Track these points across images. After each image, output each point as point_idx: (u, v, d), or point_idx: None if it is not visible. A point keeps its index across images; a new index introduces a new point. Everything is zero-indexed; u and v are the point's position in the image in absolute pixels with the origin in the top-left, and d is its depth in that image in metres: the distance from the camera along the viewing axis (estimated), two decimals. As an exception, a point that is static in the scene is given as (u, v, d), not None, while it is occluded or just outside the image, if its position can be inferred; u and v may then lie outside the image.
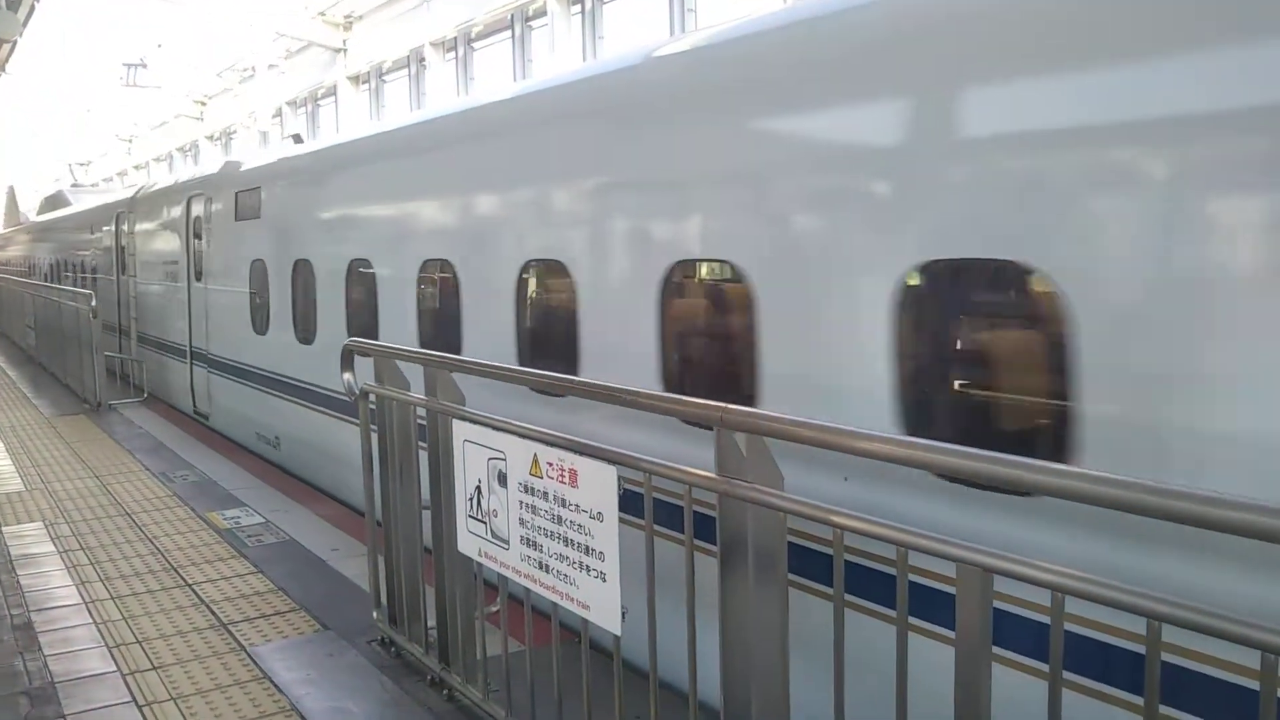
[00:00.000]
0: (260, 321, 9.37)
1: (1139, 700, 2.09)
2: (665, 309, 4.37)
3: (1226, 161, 2.63)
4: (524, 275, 5.35)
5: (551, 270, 5.19)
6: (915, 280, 3.32)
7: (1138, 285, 2.78)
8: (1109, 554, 2.70)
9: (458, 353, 5.75)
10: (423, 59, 22.89)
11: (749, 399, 3.87)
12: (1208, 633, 1.84)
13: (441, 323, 6.30)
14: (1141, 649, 1.98)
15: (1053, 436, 2.97)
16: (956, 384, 3.42)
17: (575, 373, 4.78)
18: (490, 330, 5.64)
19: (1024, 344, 3.29)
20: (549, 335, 5.40)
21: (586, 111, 5.21)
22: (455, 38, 21.71)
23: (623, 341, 4.60)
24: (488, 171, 5.90)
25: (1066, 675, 2.16)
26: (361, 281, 7.27)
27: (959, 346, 3.54)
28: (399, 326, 6.61)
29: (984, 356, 3.44)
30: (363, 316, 7.17)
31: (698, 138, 4.32)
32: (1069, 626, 2.16)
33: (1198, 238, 2.66)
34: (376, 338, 6.63)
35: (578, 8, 18.05)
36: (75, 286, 16.46)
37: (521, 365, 5.22)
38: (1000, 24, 3.19)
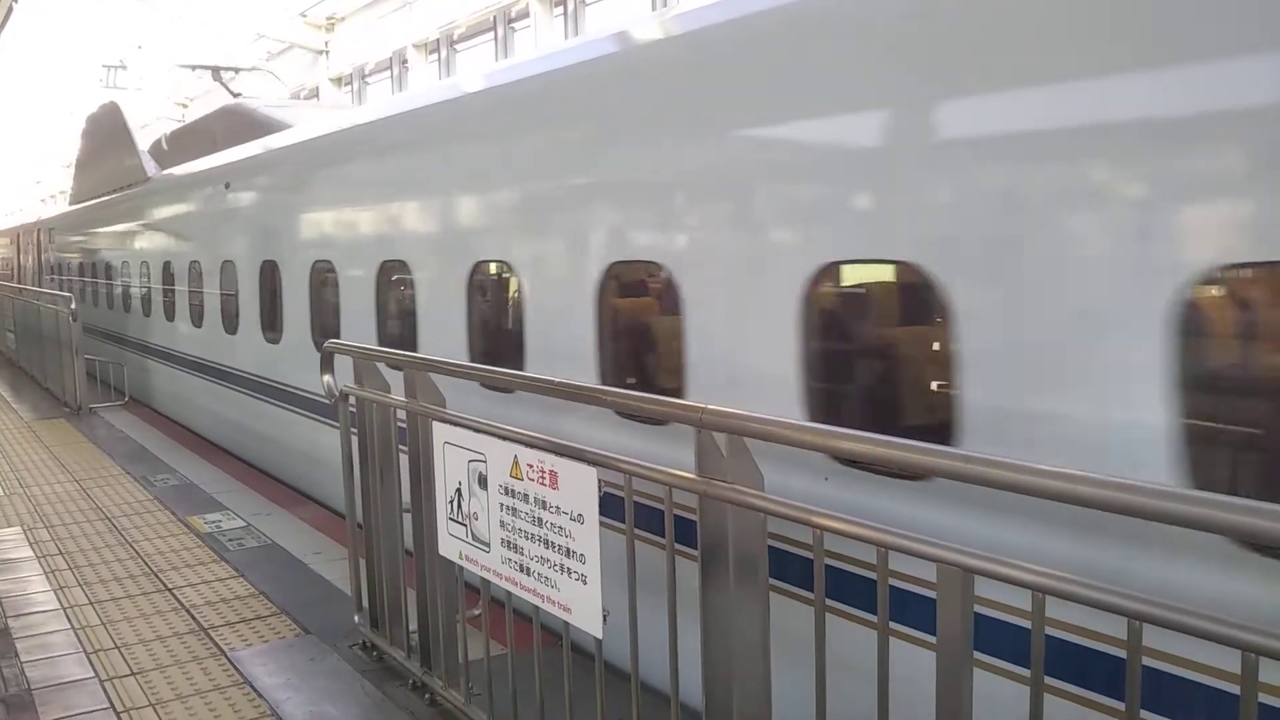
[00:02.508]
0: None
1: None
2: None
3: None
4: None
5: None
6: None
7: None
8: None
9: None
10: (405, 60, 22.81)
11: None
12: (1189, 633, 1.83)
13: None
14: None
15: None
16: None
17: None
18: None
19: None
20: None
21: None
22: (438, 39, 21.64)
23: None
24: None
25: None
26: None
27: None
28: None
29: None
30: None
31: None
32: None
33: None
34: None
35: (560, 9, 18.02)
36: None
37: None
38: None
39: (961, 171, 3.13)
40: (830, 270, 3.55)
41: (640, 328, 4.73)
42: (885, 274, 3.54)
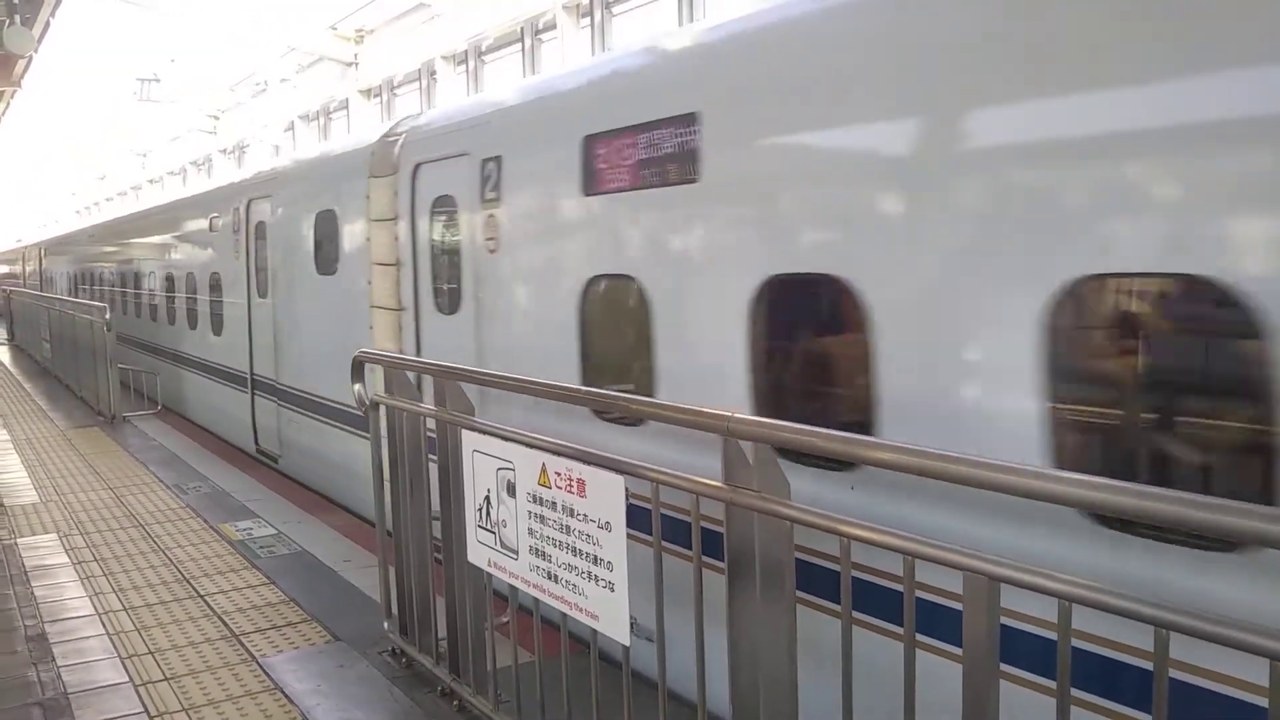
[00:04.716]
0: None
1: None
2: None
3: None
4: None
5: None
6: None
7: None
8: None
9: None
10: (433, 72, 22.98)
11: None
12: (1217, 641, 1.82)
13: None
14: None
15: None
16: None
17: None
18: None
19: None
20: None
21: None
22: (466, 50, 21.80)
23: None
24: None
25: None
26: None
27: None
28: None
29: None
30: None
31: None
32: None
33: None
34: None
35: (587, 20, 18.11)
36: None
37: None
38: None
39: None
40: None
41: None
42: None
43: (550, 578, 3.40)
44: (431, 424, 4.31)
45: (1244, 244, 2.64)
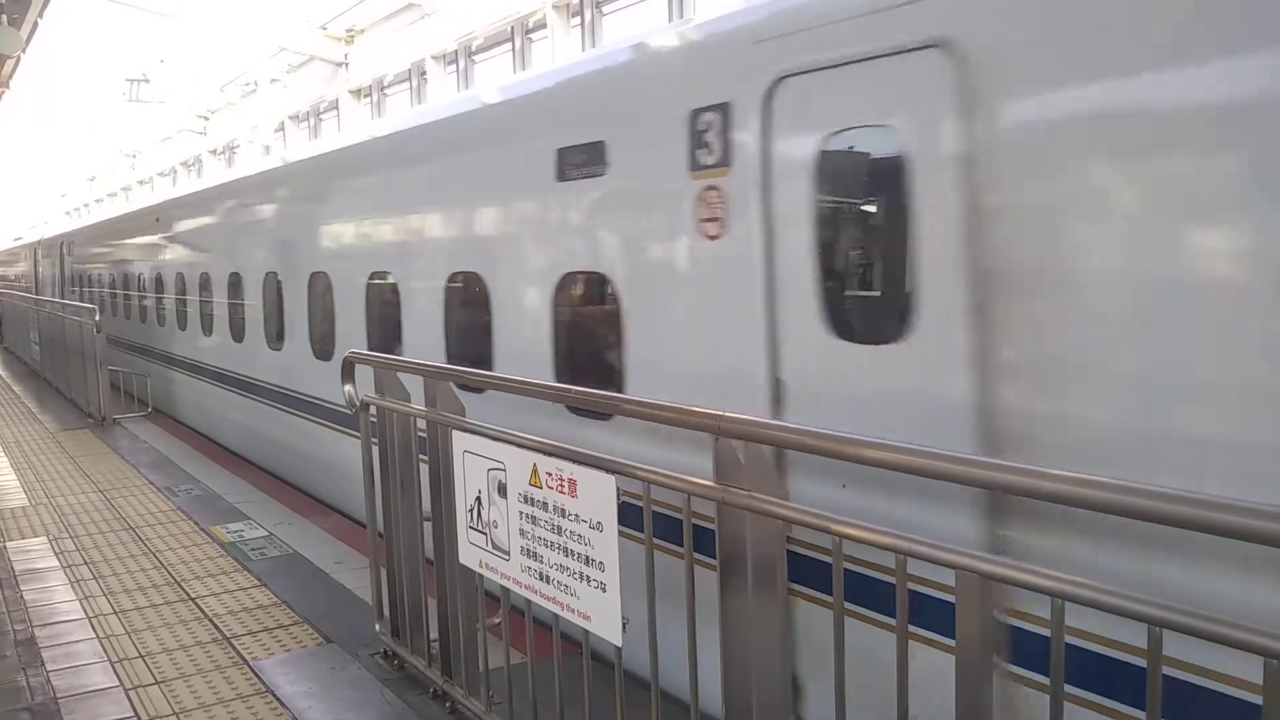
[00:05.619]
0: None
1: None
2: None
3: None
4: None
5: None
6: None
7: None
8: None
9: None
10: (424, 72, 22.95)
11: None
12: (1210, 639, 1.82)
13: None
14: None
15: None
16: None
17: None
18: None
19: None
20: None
21: None
22: (456, 50, 21.77)
23: None
24: None
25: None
26: None
27: None
28: None
29: None
30: None
31: None
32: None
33: None
34: None
35: (577, 20, 18.09)
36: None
37: None
38: None
39: None
40: None
41: None
42: None
43: (542, 578, 3.39)
44: (422, 425, 4.30)
45: None
